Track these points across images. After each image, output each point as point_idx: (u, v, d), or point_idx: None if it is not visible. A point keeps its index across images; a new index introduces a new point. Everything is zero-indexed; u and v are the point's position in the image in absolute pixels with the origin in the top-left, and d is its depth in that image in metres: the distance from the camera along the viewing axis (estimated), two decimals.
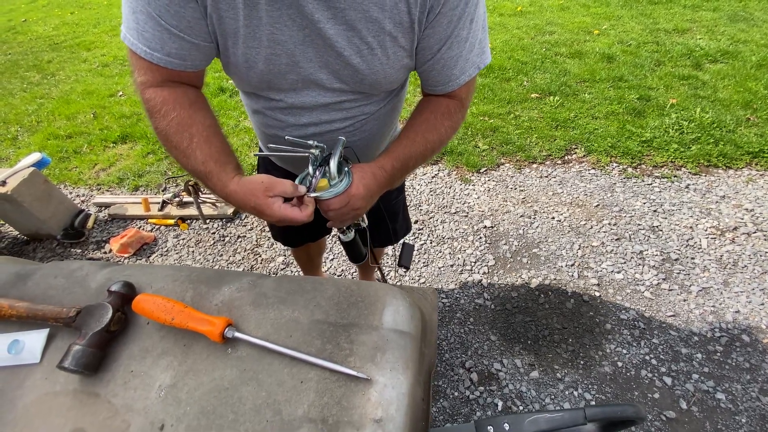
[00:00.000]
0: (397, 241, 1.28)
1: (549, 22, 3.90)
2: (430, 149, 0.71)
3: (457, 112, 0.72)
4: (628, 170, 2.22)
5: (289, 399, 0.52)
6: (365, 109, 0.73)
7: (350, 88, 0.67)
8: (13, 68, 4.15)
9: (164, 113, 0.61)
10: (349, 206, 0.65)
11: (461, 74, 0.66)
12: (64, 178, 2.54)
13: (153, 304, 0.56)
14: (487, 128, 2.55)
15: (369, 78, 0.64)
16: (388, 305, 0.60)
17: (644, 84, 2.84)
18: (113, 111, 3.12)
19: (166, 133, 0.62)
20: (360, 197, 0.65)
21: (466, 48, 0.63)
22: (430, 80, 0.68)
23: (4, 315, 0.61)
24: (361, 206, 0.66)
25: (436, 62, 0.64)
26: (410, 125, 0.72)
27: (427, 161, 0.76)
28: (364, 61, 0.61)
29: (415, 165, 0.72)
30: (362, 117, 0.74)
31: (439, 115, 0.71)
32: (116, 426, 0.52)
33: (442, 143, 0.72)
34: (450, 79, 0.67)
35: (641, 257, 1.78)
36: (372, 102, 0.73)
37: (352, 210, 0.66)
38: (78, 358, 0.53)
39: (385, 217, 1.08)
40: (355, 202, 0.65)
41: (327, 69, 0.63)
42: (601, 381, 1.41)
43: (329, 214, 0.66)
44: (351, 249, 0.87)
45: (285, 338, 0.57)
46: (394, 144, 0.70)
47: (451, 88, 0.68)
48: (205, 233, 2.08)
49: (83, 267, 0.68)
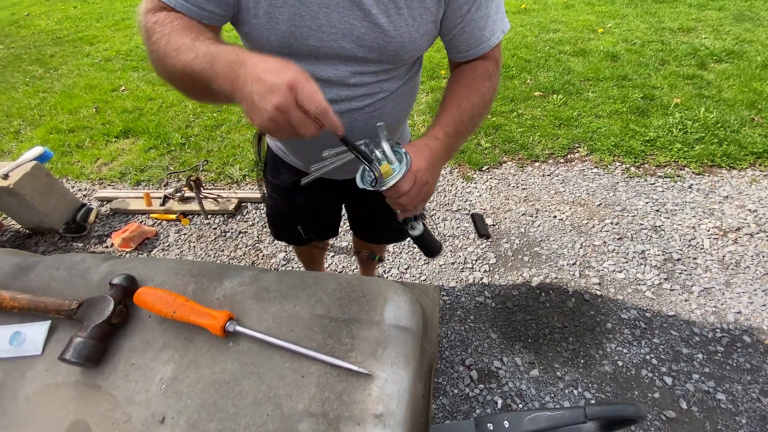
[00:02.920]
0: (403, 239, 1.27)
1: (553, 20, 3.88)
2: (477, 113, 0.69)
3: (495, 73, 0.71)
4: (631, 170, 2.21)
5: (290, 393, 0.52)
6: (385, 86, 0.72)
7: (373, 57, 0.65)
8: (16, 62, 4.15)
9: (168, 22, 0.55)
10: (418, 184, 0.62)
11: (491, 36, 0.67)
12: (67, 172, 2.54)
13: (154, 297, 0.56)
14: (490, 126, 2.54)
15: (394, 41, 0.63)
16: (389, 301, 0.60)
17: (648, 83, 2.82)
18: (115, 106, 3.12)
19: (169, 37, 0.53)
20: (424, 170, 0.62)
21: (492, 8, 0.65)
22: (462, 45, 0.68)
23: (6, 307, 0.61)
24: (428, 180, 0.64)
25: (467, 24, 0.65)
26: (451, 93, 0.70)
27: (476, 127, 0.73)
28: (390, 21, 0.61)
29: (467, 131, 0.70)
30: (381, 95, 0.73)
31: (479, 77, 0.70)
32: (117, 418, 0.52)
33: (487, 106, 0.71)
34: (481, 41, 0.67)
35: (643, 257, 1.78)
36: (392, 78, 0.72)
37: (421, 187, 0.63)
38: (80, 350, 0.53)
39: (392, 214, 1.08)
40: (422, 177, 0.62)
41: (350, 37, 0.62)
42: (601, 380, 1.41)
43: (401, 200, 0.63)
44: (424, 242, 0.80)
45: (286, 332, 0.57)
46: (440, 113, 0.69)
47: (484, 50, 0.68)
48: (206, 228, 2.08)
49: (85, 260, 0.68)
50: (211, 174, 2.42)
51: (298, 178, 0.96)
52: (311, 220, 1.13)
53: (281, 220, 1.18)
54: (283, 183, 1.01)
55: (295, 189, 1.00)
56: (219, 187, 2.33)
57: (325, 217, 1.16)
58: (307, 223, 1.14)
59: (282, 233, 1.25)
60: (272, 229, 1.27)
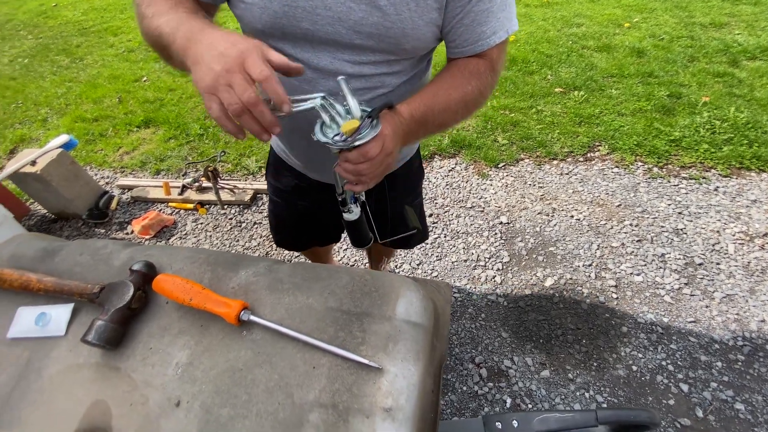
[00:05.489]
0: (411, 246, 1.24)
1: (577, 14, 3.77)
2: (453, 109, 0.65)
3: (487, 74, 0.66)
4: (653, 170, 2.15)
5: (301, 383, 0.53)
6: (386, 80, 0.68)
7: (372, 44, 0.62)
8: (43, 52, 4.27)
9: None
10: (384, 151, 0.55)
11: (492, 34, 0.62)
12: (90, 160, 2.62)
13: (172, 284, 0.57)
14: (508, 122, 2.50)
15: (395, 27, 0.59)
16: (401, 296, 0.60)
17: (676, 80, 2.72)
18: (137, 96, 3.18)
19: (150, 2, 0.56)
20: (390, 137, 0.56)
21: (497, 4, 0.60)
22: (459, 39, 0.63)
23: (32, 288, 0.64)
24: (393, 150, 0.58)
25: (466, 15, 0.60)
26: (433, 81, 0.66)
27: (448, 125, 0.67)
28: (391, 3, 0.57)
29: (435, 123, 0.64)
30: (382, 90, 0.69)
31: (467, 73, 0.65)
32: (135, 400, 0.53)
33: (468, 106, 0.66)
34: (480, 38, 0.62)
35: (663, 260, 1.73)
36: (394, 72, 0.68)
37: (385, 156, 0.56)
38: (101, 332, 0.54)
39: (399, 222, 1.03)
40: (389, 145, 0.56)
41: (347, 21, 0.59)
42: (614, 384, 1.38)
43: (363, 167, 0.55)
44: (356, 229, 0.73)
45: (299, 324, 0.57)
46: (414, 96, 0.63)
47: (481, 48, 0.63)
48: (222, 218, 2.11)
49: (107, 246, 0.70)
50: (228, 165, 2.45)
51: (300, 182, 0.95)
52: (313, 225, 1.09)
53: (283, 225, 1.15)
54: (284, 186, 0.99)
55: (297, 192, 0.98)
56: (235, 178, 2.36)
57: (327, 221, 1.09)
58: (309, 228, 1.10)
59: (284, 240, 1.21)
60: (274, 235, 1.22)
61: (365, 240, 0.76)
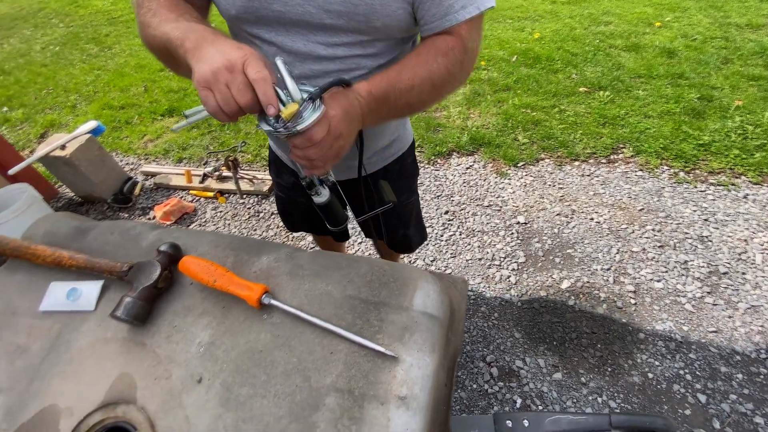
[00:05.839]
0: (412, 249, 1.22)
1: (606, 11, 3.67)
2: (417, 89, 0.62)
3: (455, 51, 0.63)
4: (679, 174, 2.08)
5: (319, 368, 0.54)
6: (362, 63, 0.67)
7: (342, 24, 0.61)
8: (74, 40, 4.41)
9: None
10: (331, 134, 0.54)
11: (461, 8, 0.59)
12: (116, 146, 2.70)
13: (198, 265, 0.59)
14: (529, 121, 2.46)
15: (362, 4, 0.58)
16: (419, 288, 0.60)
17: (707, 83, 2.63)
18: (162, 85, 3.26)
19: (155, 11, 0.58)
20: (339, 119, 0.54)
21: None
22: (427, 15, 0.61)
23: (64, 265, 0.67)
24: (343, 132, 0.56)
25: None
26: (400, 61, 0.64)
27: (413, 107, 0.66)
28: None
29: (397, 103, 0.62)
30: (359, 72, 0.68)
31: (434, 50, 0.63)
32: (159, 374, 0.55)
33: (434, 86, 0.64)
34: (448, 12, 0.60)
35: (685, 267, 1.68)
36: (369, 54, 0.67)
37: (334, 140, 0.55)
38: (129, 309, 0.57)
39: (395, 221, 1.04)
40: (337, 126, 0.54)
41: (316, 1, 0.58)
42: (628, 390, 1.36)
43: (310, 152, 0.55)
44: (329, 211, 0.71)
45: (318, 310, 0.58)
46: (376, 74, 0.61)
47: (449, 23, 0.61)
48: (241, 207, 2.15)
49: (136, 227, 0.72)
50: (247, 155, 2.49)
51: (297, 180, 0.96)
52: (315, 220, 1.10)
53: (291, 218, 1.18)
54: (285, 182, 1.00)
55: (296, 189, 1.00)
56: (255, 169, 2.40)
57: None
58: (315, 222, 1.11)
59: (295, 227, 1.24)
60: (285, 224, 1.25)
61: (340, 221, 0.74)
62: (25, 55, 4.22)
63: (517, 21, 3.69)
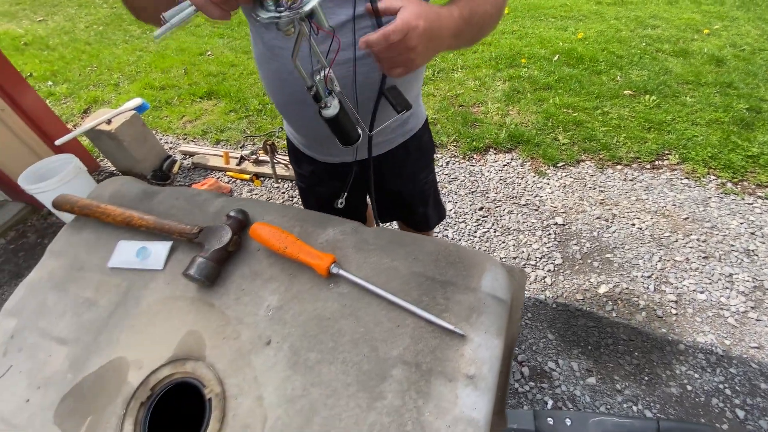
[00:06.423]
0: (431, 227, 1.21)
1: (653, 15, 3.54)
2: (489, 14, 0.61)
3: None
4: (727, 185, 1.99)
5: (386, 339, 0.54)
6: None
7: None
8: (117, 21, 4.55)
9: None
10: (405, 42, 0.48)
11: None
12: (156, 125, 2.77)
13: (269, 232, 0.60)
14: (570, 121, 2.40)
15: None
16: (487, 270, 0.59)
17: (756, 94, 2.50)
18: (202, 69, 3.33)
19: None
20: (424, 15, 0.49)
21: None
22: None
23: (134, 224, 0.68)
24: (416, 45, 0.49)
25: None
26: None
27: (484, 33, 0.64)
28: None
29: (476, 27, 0.60)
30: None
31: None
32: (228, 334, 0.56)
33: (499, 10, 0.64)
34: None
35: (730, 280, 1.61)
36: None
37: (407, 49, 0.49)
38: (202, 268, 0.58)
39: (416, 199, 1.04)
40: (417, 24, 0.48)
41: None
42: (665, 401, 1.31)
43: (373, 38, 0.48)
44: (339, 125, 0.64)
45: (384, 283, 0.58)
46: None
47: None
48: (275, 192, 2.18)
49: (201, 194, 0.74)
50: (283, 141, 2.52)
51: (315, 168, 0.96)
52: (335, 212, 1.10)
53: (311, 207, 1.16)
54: (305, 171, 1.00)
55: (314, 177, 0.99)
56: None
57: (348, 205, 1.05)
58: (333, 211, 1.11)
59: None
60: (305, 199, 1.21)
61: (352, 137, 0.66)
62: (69, 32, 4.37)
63: (560, 20, 3.60)
